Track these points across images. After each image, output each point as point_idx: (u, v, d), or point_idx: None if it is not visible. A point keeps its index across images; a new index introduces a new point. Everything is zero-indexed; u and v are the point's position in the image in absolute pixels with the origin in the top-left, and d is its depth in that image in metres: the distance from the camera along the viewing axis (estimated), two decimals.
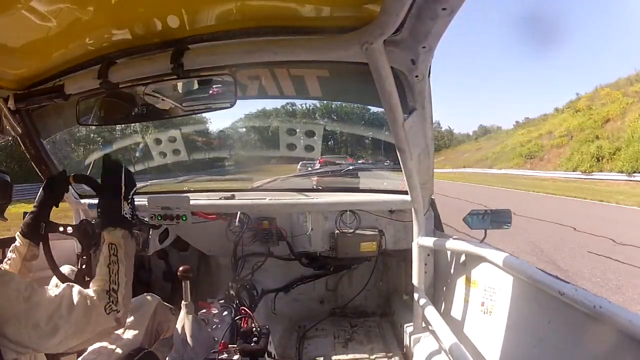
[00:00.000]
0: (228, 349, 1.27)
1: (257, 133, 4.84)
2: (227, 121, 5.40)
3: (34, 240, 1.41)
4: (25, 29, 1.08)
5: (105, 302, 1.08)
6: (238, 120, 5.45)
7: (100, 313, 1.06)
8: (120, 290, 1.13)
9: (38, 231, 1.42)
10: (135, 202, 2.02)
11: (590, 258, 5.88)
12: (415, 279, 1.82)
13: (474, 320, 1.55)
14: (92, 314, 1.04)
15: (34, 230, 1.41)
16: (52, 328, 0.96)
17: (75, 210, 2.33)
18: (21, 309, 0.92)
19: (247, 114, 6.25)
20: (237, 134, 5.61)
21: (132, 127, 2.57)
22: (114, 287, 1.13)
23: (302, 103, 8.93)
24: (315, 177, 3.08)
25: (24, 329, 0.92)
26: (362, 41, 0.94)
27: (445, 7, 0.82)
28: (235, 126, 5.65)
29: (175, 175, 3.08)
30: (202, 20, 1.13)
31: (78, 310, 1.01)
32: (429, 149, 1.55)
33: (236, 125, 5.48)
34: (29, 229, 1.40)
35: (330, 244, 2.24)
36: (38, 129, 1.78)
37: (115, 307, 1.09)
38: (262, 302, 2.22)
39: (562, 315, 1.02)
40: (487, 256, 1.30)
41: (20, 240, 1.39)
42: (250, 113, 6.63)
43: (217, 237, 2.10)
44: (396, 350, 2.07)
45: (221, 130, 5.31)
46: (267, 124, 4.50)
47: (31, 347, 0.95)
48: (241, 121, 5.61)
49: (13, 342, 0.91)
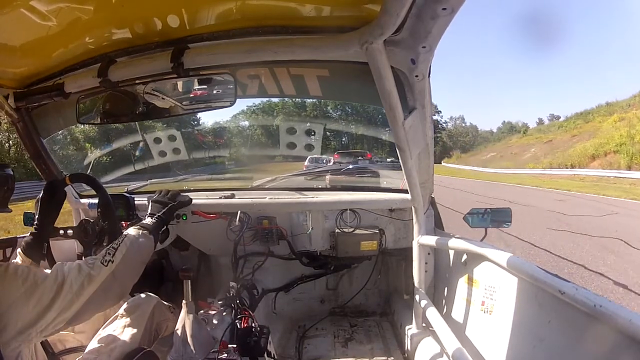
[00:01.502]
0: (228, 349, 1.27)
1: (258, 131, 4.85)
2: (228, 120, 5.41)
3: (35, 260, 1.42)
4: (25, 27, 1.08)
5: (102, 256, 1.14)
6: (238, 119, 5.45)
7: (97, 265, 1.10)
8: (119, 249, 1.18)
9: (40, 251, 1.44)
10: (136, 202, 2.05)
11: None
12: (416, 278, 1.82)
13: (475, 319, 1.55)
14: (91, 271, 1.08)
15: (36, 250, 1.42)
16: (55, 294, 0.98)
17: (75, 210, 2.33)
18: (21, 292, 0.94)
19: (248, 113, 6.24)
20: (237, 132, 5.61)
21: (132, 125, 2.57)
22: (114, 246, 1.19)
23: (312, 100, 8.88)
24: (329, 175, 3.04)
25: (25, 308, 0.93)
26: (362, 41, 0.94)
27: (446, 7, 0.81)
28: (235, 125, 5.65)
29: (175, 174, 3.08)
30: (202, 20, 1.13)
31: (75, 269, 1.05)
32: (429, 148, 1.55)
33: (236, 124, 5.49)
34: (31, 249, 1.42)
35: (330, 243, 2.24)
36: (38, 127, 1.78)
37: (111, 257, 1.14)
38: (263, 301, 2.22)
39: (563, 315, 1.02)
40: (488, 255, 1.31)
41: (22, 258, 1.40)
42: (251, 111, 6.63)
43: (217, 236, 2.10)
44: (396, 349, 2.07)
45: (221, 129, 5.30)
46: (268, 122, 4.50)
47: (37, 324, 0.95)
48: (241, 120, 5.60)
49: (15, 331, 0.91)
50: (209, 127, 5.22)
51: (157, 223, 1.53)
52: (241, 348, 1.31)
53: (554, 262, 5.37)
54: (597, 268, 5.06)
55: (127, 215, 1.98)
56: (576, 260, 5.44)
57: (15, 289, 0.93)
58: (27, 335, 0.94)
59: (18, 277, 0.95)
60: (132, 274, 1.23)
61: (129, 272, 1.20)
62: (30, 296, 0.95)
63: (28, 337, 0.95)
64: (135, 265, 1.24)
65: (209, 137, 4.69)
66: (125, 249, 1.20)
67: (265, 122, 5.22)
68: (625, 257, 5.58)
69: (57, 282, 1.00)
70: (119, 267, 1.14)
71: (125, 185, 2.54)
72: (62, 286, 1.00)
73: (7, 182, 1.16)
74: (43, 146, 1.85)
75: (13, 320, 0.91)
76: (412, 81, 1.17)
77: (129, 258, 1.20)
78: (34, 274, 0.98)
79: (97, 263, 1.11)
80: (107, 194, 1.68)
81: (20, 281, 0.94)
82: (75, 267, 1.07)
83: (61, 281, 1.01)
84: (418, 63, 1.07)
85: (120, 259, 1.16)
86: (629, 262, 5.33)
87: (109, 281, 1.10)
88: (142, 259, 1.31)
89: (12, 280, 0.94)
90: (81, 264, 1.09)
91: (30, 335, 0.95)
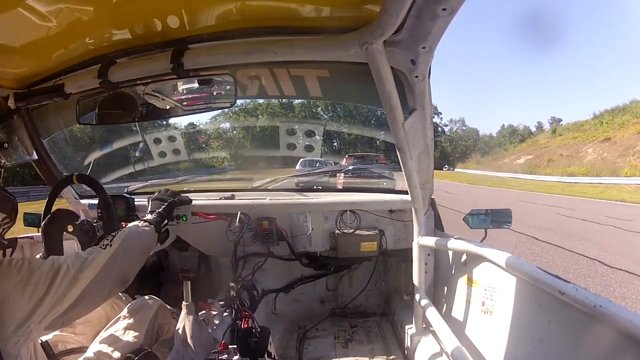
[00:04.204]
0: (228, 350, 1.27)
1: (258, 132, 4.83)
2: (228, 120, 5.40)
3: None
4: (25, 28, 1.08)
5: (101, 243, 1.13)
6: (238, 119, 5.45)
7: (95, 250, 1.09)
8: (118, 235, 1.17)
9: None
10: (136, 202, 2.04)
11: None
12: (416, 279, 1.82)
13: (475, 320, 1.55)
14: (89, 255, 1.07)
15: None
16: (51, 280, 0.96)
17: (75, 210, 2.33)
18: (16, 281, 0.92)
19: (248, 113, 6.24)
20: (237, 132, 5.61)
21: (131, 126, 2.57)
22: (112, 234, 1.18)
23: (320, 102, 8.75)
24: (342, 178, 3.02)
25: (21, 297, 0.91)
26: (362, 41, 0.94)
27: (445, 7, 0.81)
28: (235, 125, 5.65)
29: (175, 175, 3.08)
30: (202, 20, 1.13)
31: (73, 255, 1.05)
32: (429, 149, 1.55)
33: (236, 124, 5.48)
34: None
35: (330, 244, 2.24)
36: (38, 128, 1.78)
37: (109, 242, 1.13)
38: (263, 302, 2.22)
39: (563, 315, 1.02)
40: (488, 256, 1.30)
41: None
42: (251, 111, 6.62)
43: (217, 237, 2.10)
44: (396, 350, 2.07)
45: (221, 130, 5.31)
46: (268, 123, 4.50)
47: (35, 314, 0.93)
48: (241, 120, 5.60)
49: (14, 325, 0.89)
50: (209, 127, 5.22)
51: (157, 217, 1.54)
52: (241, 349, 1.31)
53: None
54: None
55: (127, 216, 1.98)
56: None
57: (10, 280, 0.91)
58: (27, 328, 0.91)
59: (12, 268, 0.92)
60: (133, 259, 1.22)
61: (129, 256, 1.19)
62: (25, 285, 0.92)
63: (27, 329, 0.92)
64: (135, 251, 1.23)
65: (209, 137, 4.70)
66: (125, 235, 1.20)
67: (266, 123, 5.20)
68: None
69: (53, 268, 0.98)
70: (119, 251, 1.13)
71: (125, 186, 2.54)
72: (58, 271, 0.98)
73: (11, 210, 1.16)
74: (43, 147, 1.85)
75: (10, 312, 0.89)
76: (412, 82, 1.17)
77: (129, 244, 1.19)
78: (28, 262, 0.95)
79: (95, 249, 1.11)
80: (107, 194, 1.68)
81: (14, 271, 0.92)
82: (73, 254, 1.06)
83: (57, 266, 0.99)
84: (418, 64, 1.07)
85: (119, 244, 1.15)
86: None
87: (109, 265, 1.09)
88: (143, 247, 1.30)
89: (7, 272, 0.92)
90: (79, 251, 1.09)
91: (29, 328, 0.92)
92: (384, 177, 3.02)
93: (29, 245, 2.29)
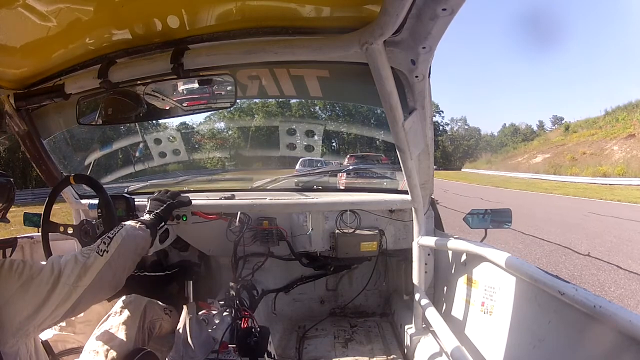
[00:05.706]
0: (228, 349, 1.27)
1: (258, 132, 4.83)
2: (228, 121, 5.39)
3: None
4: (25, 28, 1.08)
5: (97, 246, 1.14)
6: (238, 119, 5.44)
7: (92, 255, 1.10)
8: (115, 239, 1.18)
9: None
10: (136, 202, 2.04)
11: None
12: (416, 279, 1.82)
13: (475, 320, 1.55)
14: (87, 261, 1.08)
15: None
16: (51, 287, 0.97)
17: (75, 211, 2.33)
18: (17, 287, 0.92)
19: (248, 113, 6.23)
20: (237, 133, 5.60)
21: (132, 126, 2.57)
22: (109, 236, 1.20)
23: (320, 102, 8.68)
24: (345, 178, 3.01)
25: (22, 302, 0.92)
26: (362, 41, 0.94)
27: (446, 7, 0.82)
28: (235, 126, 5.65)
29: (175, 175, 3.08)
30: (202, 21, 1.13)
31: (72, 261, 1.05)
32: (429, 149, 1.55)
33: (237, 124, 5.48)
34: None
35: (330, 244, 2.24)
36: (38, 128, 1.78)
37: (106, 247, 1.14)
38: (263, 302, 2.22)
39: (562, 315, 1.02)
40: (488, 256, 1.30)
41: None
42: (251, 111, 6.61)
43: (217, 237, 2.10)
44: (396, 350, 2.07)
45: (221, 130, 5.31)
46: (268, 123, 4.49)
47: (35, 319, 0.94)
48: (241, 120, 5.60)
49: (14, 328, 0.90)
50: (209, 128, 5.22)
51: (154, 219, 1.54)
52: (241, 349, 1.31)
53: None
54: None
55: (127, 216, 1.98)
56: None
57: (12, 285, 0.91)
58: (25, 331, 0.92)
59: (13, 272, 0.93)
60: (127, 264, 1.22)
61: (123, 262, 1.20)
62: (26, 290, 0.93)
63: (26, 332, 0.93)
64: (129, 256, 1.24)
65: (209, 138, 4.70)
66: (121, 239, 1.20)
67: (265, 123, 5.19)
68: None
69: (53, 274, 0.99)
70: (114, 257, 1.14)
71: (125, 186, 2.54)
72: (58, 278, 0.99)
73: (8, 192, 1.16)
74: (43, 147, 1.85)
75: (10, 316, 0.89)
76: (412, 82, 1.17)
77: (124, 248, 1.20)
78: (29, 267, 0.96)
79: (92, 253, 1.11)
80: (107, 194, 1.68)
81: (16, 276, 0.92)
82: (72, 259, 1.06)
83: (57, 273, 1.00)
84: (418, 64, 1.08)
85: (115, 249, 1.16)
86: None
87: (104, 271, 1.10)
88: (137, 251, 1.31)
89: (8, 275, 0.92)
90: (77, 254, 1.08)
91: (28, 331, 0.93)
92: (386, 178, 3.02)
93: (29, 245, 2.29)
